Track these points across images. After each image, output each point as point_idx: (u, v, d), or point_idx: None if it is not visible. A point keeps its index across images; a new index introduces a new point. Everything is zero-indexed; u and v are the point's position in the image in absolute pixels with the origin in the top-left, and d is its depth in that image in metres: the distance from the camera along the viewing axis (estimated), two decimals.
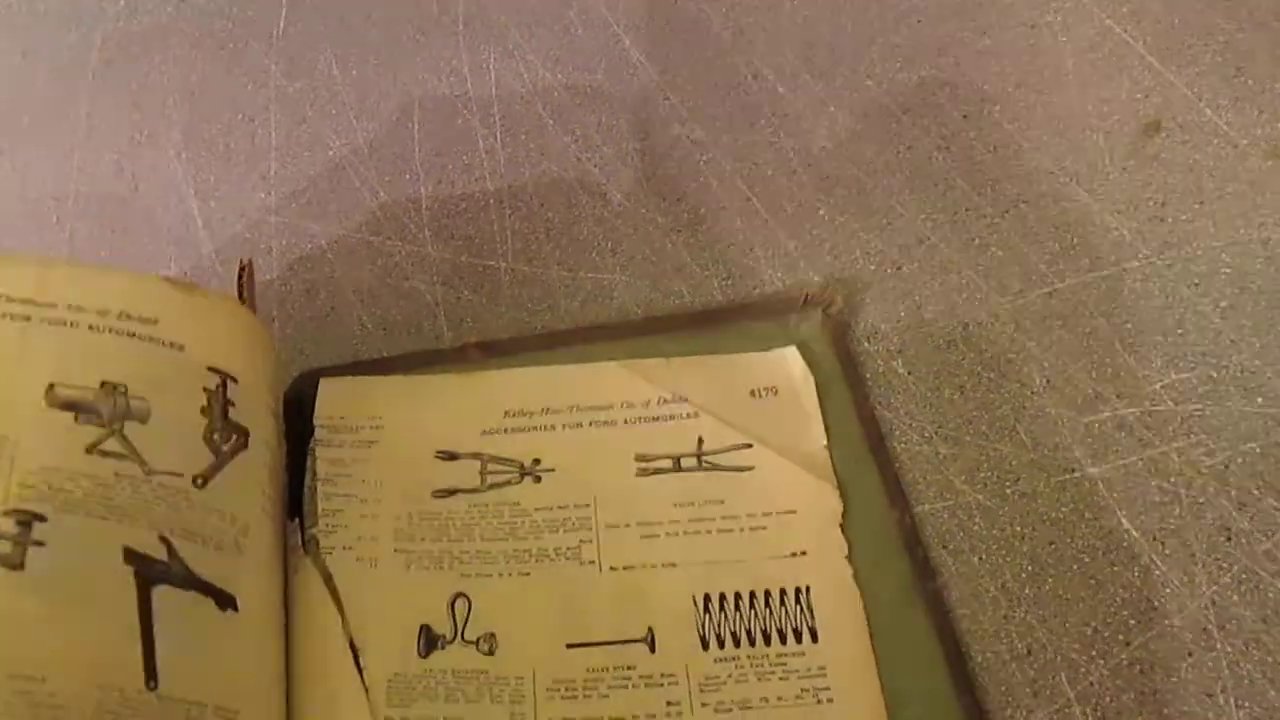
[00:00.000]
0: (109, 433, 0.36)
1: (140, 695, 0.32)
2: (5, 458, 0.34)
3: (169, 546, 0.35)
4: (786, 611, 0.41)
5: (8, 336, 0.37)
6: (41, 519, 0.34)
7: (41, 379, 0.36)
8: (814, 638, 0.40)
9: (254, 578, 0.37)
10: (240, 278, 0.45)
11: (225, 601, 0.36)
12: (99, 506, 0.35)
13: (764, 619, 0.41)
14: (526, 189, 0.57)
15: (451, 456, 0.45)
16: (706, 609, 0.41)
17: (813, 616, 0.41)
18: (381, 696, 0.38)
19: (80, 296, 0.39)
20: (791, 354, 0.47)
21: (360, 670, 0.38)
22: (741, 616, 0.41)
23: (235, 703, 0.34)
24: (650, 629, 0.40)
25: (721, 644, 0.40)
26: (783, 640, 0.40)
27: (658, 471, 0.44)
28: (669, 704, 0.39)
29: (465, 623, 0.40)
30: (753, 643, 0.40)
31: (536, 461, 0.44)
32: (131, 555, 0.34)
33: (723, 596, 0.41)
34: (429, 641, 0.40)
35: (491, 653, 0.40)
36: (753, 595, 0.41)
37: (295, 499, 0.43)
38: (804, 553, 0.42)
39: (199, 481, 0.37)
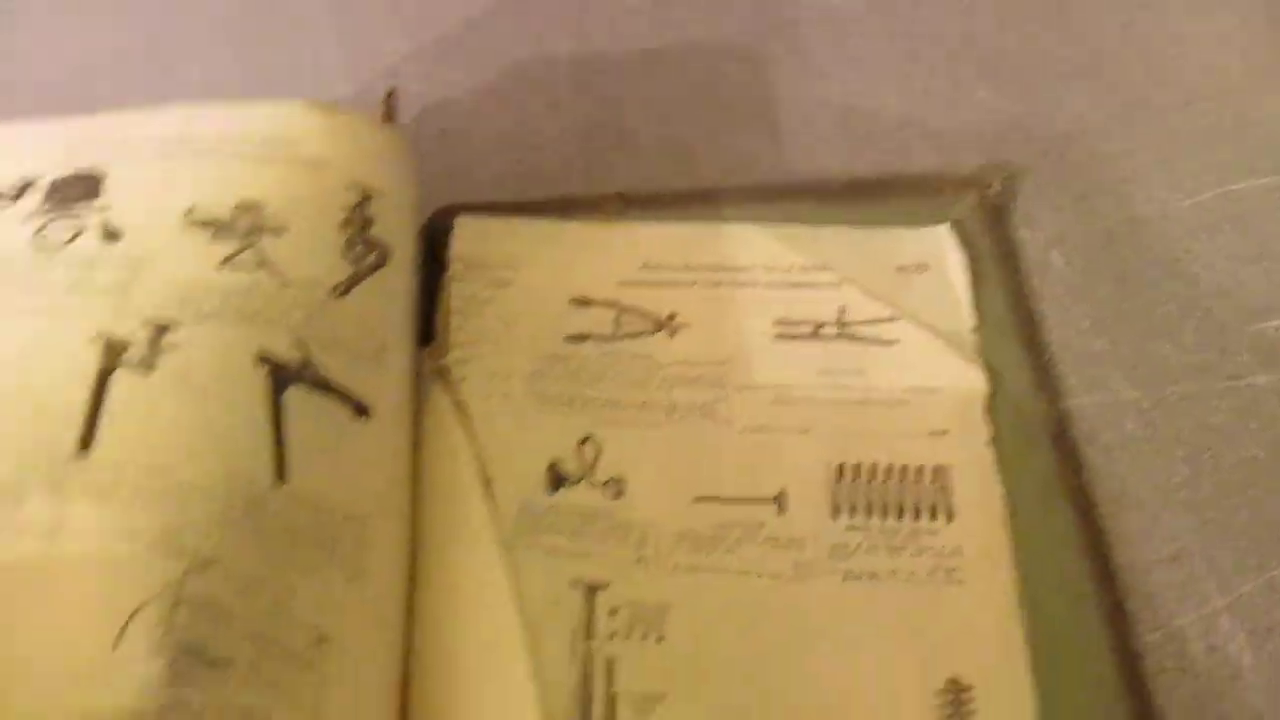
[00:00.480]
0: (244, 246, 0.36)
1: (270, 490, 0.32)
2: (145, 273, 0.35)
3: (304, 352, 0.35)
4: (923, 488, 0.39)
5: (155, 173, 0.38)
6: (175, 326, 0.34)
7: (183, 204, 0.37)
8: (949, 517, 0.39)
9: (389, 390, 0.37)
10: (386, 103, 0.44)
11: (360, 409, 0.35)
12: (232, 314, 0.34)
13: (898, 493, 0.39)
14: (670, 52, 0.55)
15: (586, 303, 0.43)
16: (840, 477, 0.40)
17: (950, 496, 0.39)
18: (510, 525, 0.37)
19: (223, 128, 0.39)
20: (944, 232, 0.45)
21: (490, 497, 0.37)
22: (876, 487, 0.39)
23: (364, 509, 0.34)
24: (781, 490, 0.39)
25: (853, 513, 0.39)
26: (916, 516, 0.39)
27: (796, 337, 0.43)
28: (796, 565, 0.38)
29: (593, 465, 0.39)
30: (885, 515, 0.39)
31: (672, 316, 0.43)
32: (264, 358, 0.34)
33: (858, 466, 0.40)
34: (557, 479, 0.39)
35: (619, 497, 0.39)
36: (889, 468, 0.40)
37: (426, 331, 0.42)
38: (945, 432, 0.40)
39: (338, 291, 0.36)
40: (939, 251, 0.45)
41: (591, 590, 0.37)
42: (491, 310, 0.43)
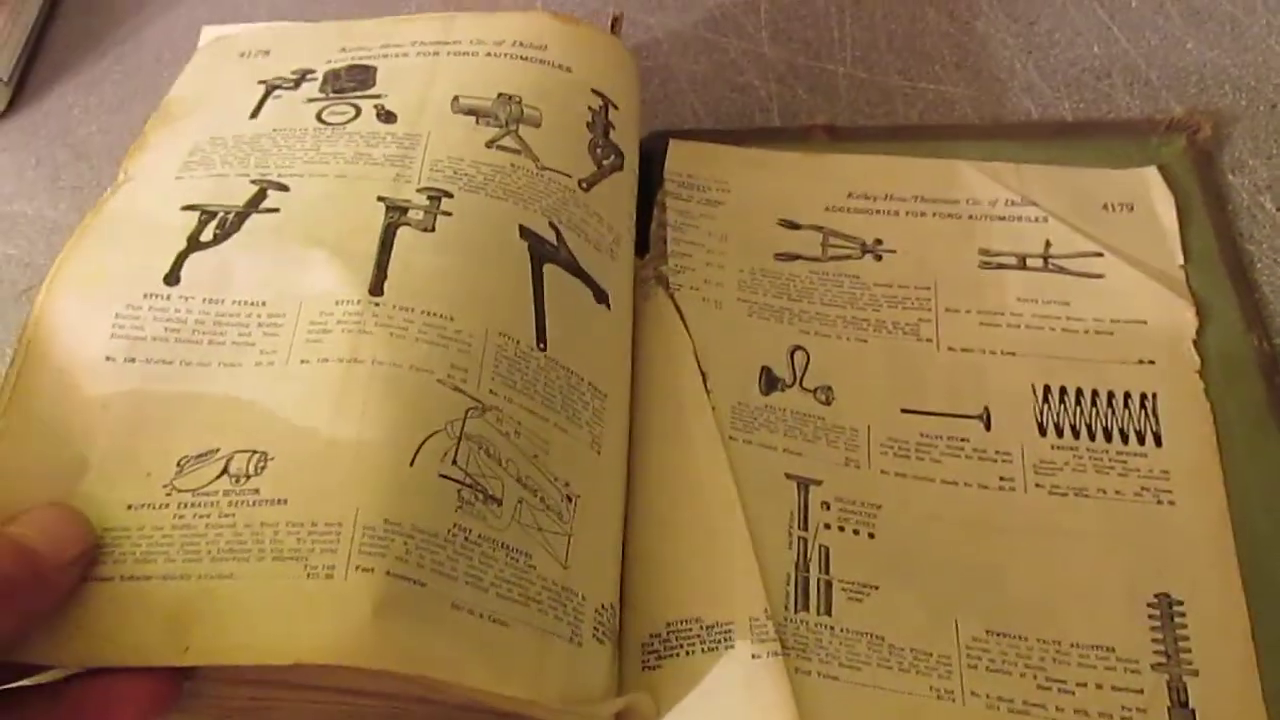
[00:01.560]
0: (505, 132, 0.39)
1: (532, 351, 0.34)
2: (419, 149, 0.38)
3: (558, 233, 0.37)
4: (1130, 413, 0.40)
5: (420, 67, 0.42)
6: (449, 195, 0.36)
7: (448, 93, 0.40)
8: (1158, 442, 0.39)
9: (621, 283, 0.39)
10: (613, 26, 0.46)
11: (600, 296, 0.37)
12: (498, 189, 0.37)
13: (1105, 417, 0.40)
14: None
15: (794, 226, 0.45)
16: (1046, 399, 0.40)
17: (1158, 422, 0.39)
18: (726, 419, 0.39)
19: (478, 32, 0.43)
20: (1151, 173, 0.45)
21: (707, 390, 0.39)
22: (1083, 410, 0.40)
23: (603, 386, 0.36)
24: (986, 408, 0.40)
25: (1060, 433, 0.39)
26: (1124, 439, 0.39)
27: (1001, 267, 0.43)
28: (1002, 479, 0.39)
29: (804, 372, 0.41)
30: (1093, 437, 0.39)
31: (879, 241, 0.44)
32: (526, 232, 0.36)
33: (1063, 389, 0.40)
34: (770, 382, 0.41)
35: (828, 403, 0.40)
36: (1095, 393, 0.40)
37: (641, 241, 0.44)
38: (1152, 361, 0.41)
39: (584, 184, 0.39)
40: (1146, 192, 0.45)
41: (805, 485, 0.38)
42: (705, 226, 0.45)
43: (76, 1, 0.66)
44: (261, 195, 0.37)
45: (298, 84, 0.41)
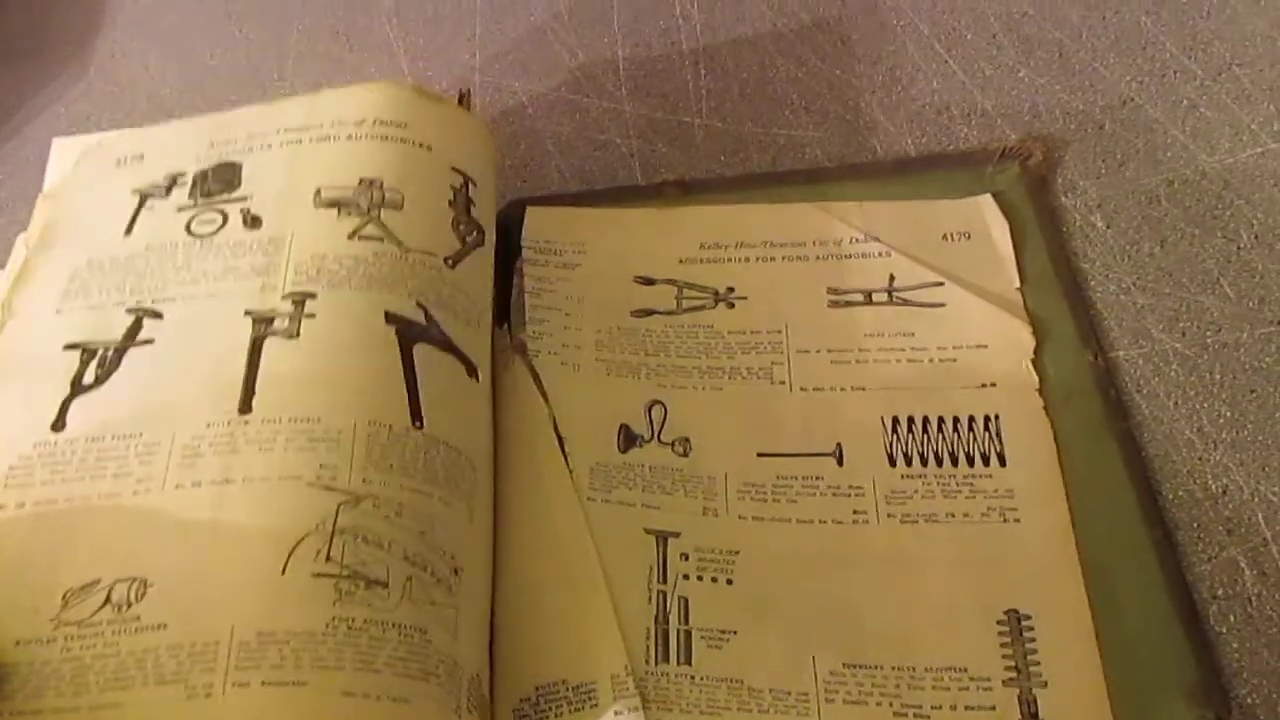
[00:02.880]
0: (368, 220, 0.40)
1: (408, 431, 0.36)
2: (284, 253, 0.40)
3: (426, 312, 0.38)
4: (975, 436, 0.41)
5: (284, 160, 0.43)
6: (312, 296, 0.38)
7: (311, 186, 0.42)
8: (1002, 462, 0.41)
9: (486, 355, 0.41)
10: (461, 100, 0.47)
11: (471, 369, 0.39)
12: (361, 280, 0.39)
13: (952, 442, 0.41)
14: (721, 50, 0.58)
15: (649, 281, 0.46)
16: (894, 429, 0.42)
17: (1001, 442, 0.41)
18: (585, 481, 0.40)
19: (341, 111, 0.44)
20: (986, 201, 0.47)
21: (565, 456, 0.41)
22: (929, 438, 0.42)
23: (476, 459, 0.37)
24: (839, 444, 0.42)
25: (909, 462, 0.41)
26: (970, 462, 0.41)
27: (849, 304, 0.45)
28: (855, 513, 0.40)
29: (661, 426, 0.42)
30: (940, 463, 0.41)
31: (730, 289, 0.46)
32: (393, 317, 0.38)
33: (910, 419, 0.42)
34: (628, 438, 0.42)
35: (686, 454, 0.42)
36: (940, 420, 0.42)
37: (500, 309, 0.45)
38: (994, 384, 0.43)
39: (449, 262, 0.40)
40: (982, 219, 0.47)
41: (663, 538, 0.40)
42: (562, 289, 0.46)
43: None
44: (138, 326, 0.39)
45: (169, 190, 0.43)
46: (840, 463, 0.41)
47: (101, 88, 0.65)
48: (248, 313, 0.38)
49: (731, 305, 0.46)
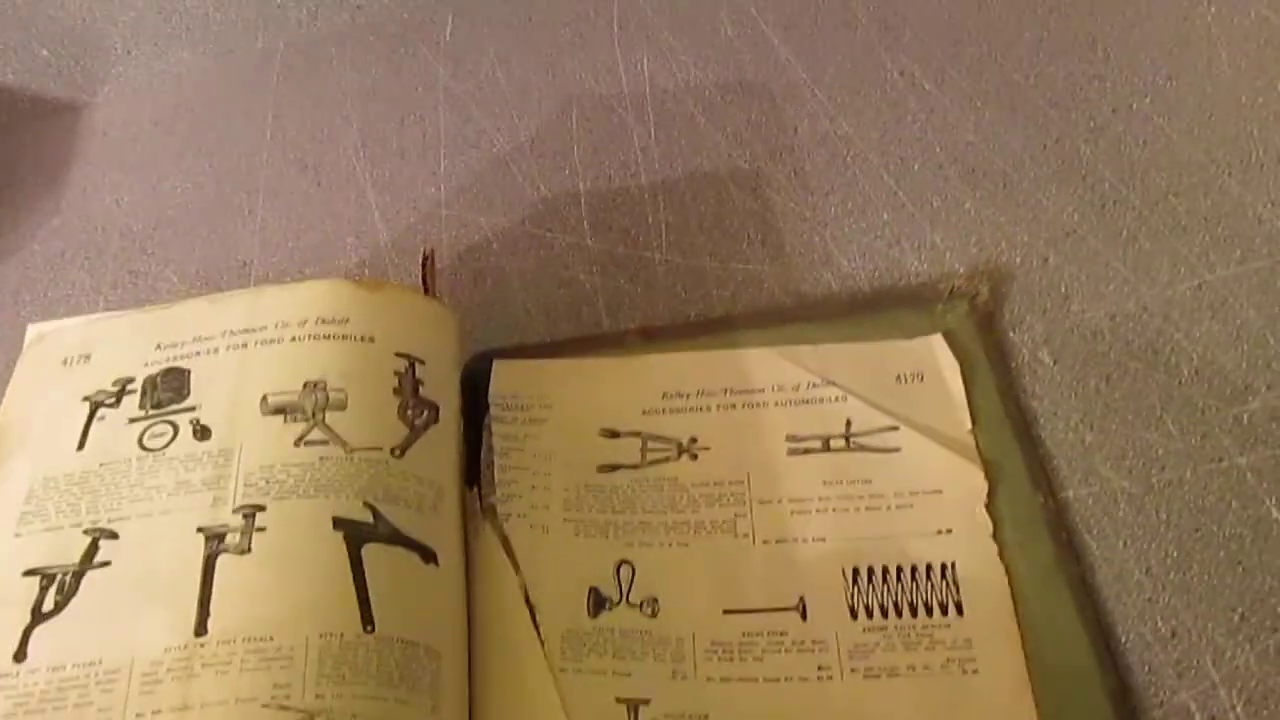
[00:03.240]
0: (313, 424, 0.42)
1: (359, 638, 0.37)
2: (233, 464, 0.41)
3: (374, 511, 0.40)
4: (933, 585, 0.43)
5: (230, 365, 0.44)
6: (262, 509, 0.39)
7: (258, 392, 0.43)
8: (959, 611, 0.42)
9: (449, 535, 0.42)
10: (424, 265, 0.49)
11: (428, 556, 0.40)
12: (309, 487, 0.40)
13: (910, 592, 0.43)
14: (679, 183, 0.60)
15: (614, 434, 0.48)
16: (855, 581, 0.43)
17: (958, 591, 0.43)
18: (556, 650, 0.42)
19: (282, 311, 0.45)
20: (937, 341, 0.49)
21: (537, 626, 0.42)
22: (889, 589, 0.43)
23: (439, 646, 0.39)
24: (801, 598, 0.43)
25: (870, 614, 0.43)
26: (929, 612, 0.42)
27: (807, 451, 0.47)
28: (820, 668, 0.41)
29: (630, 587, 0.44)
30: (899, 614, 0.42)
31: (693, 440, 0.47)
32: (340, 522, 0.39)
33: (870, 570, 0.43)
34: (597, 602, 0.43)
35: (654, 615, 0.43)
36: (899, 569, 0.43)
37: (472, 469, 0.46)
38: (949, 530, 0.44)
39: (396, 452, 0.41)
40: (933, 360, 0.49)
41: (634, 707, 0.41)
42: (530, 446, 0.48)
43: None
44: (94, 548, 0.40)
45: (119, 398, 0.44)
46: (804, 617, 0.43)
47: (74, 224, 0.67)
48: (200, 529, 0.39)
49: (695, 456, 0.47)
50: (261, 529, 0.39)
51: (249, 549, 0.38)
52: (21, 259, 0.66)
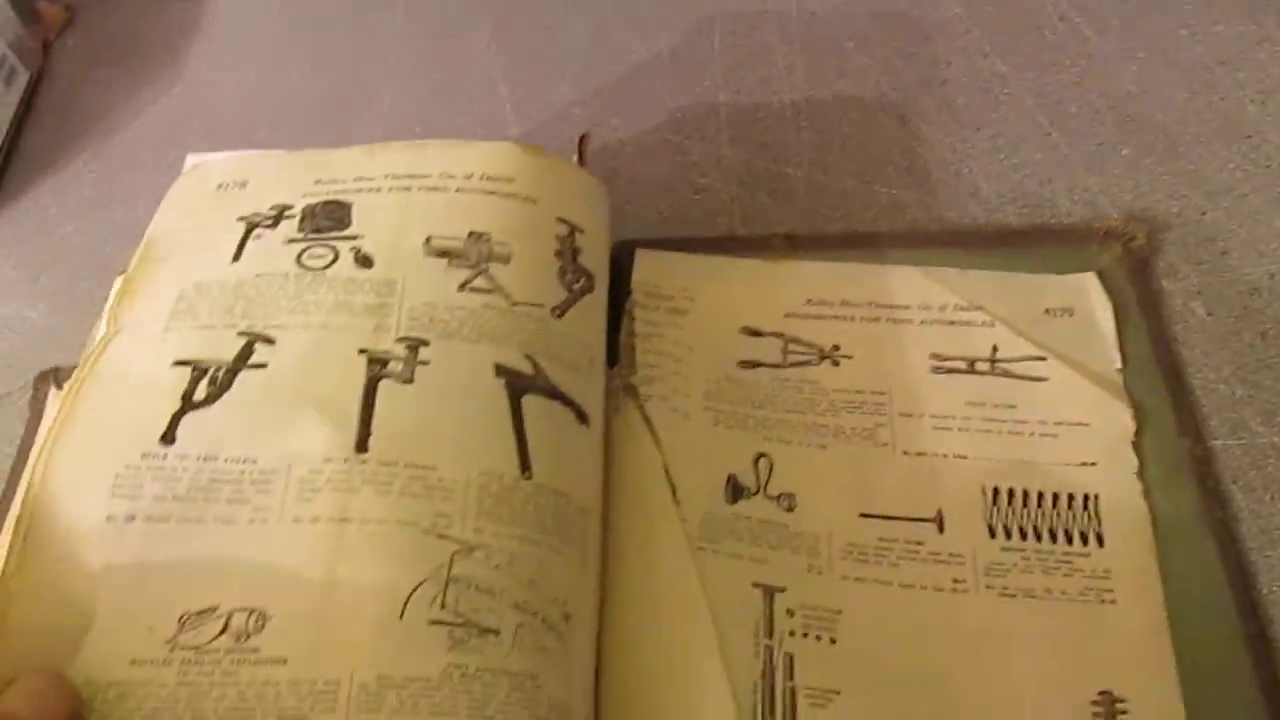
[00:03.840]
0: (477, 273, 0.41)
1: (517, 482, 0.36)
2: (396, 296, 0.40)
3: (534, 363, 0.39)
4: (1074, 515, 0.42)
5: (394, 205, 0.44)
6: (425, 343, 0.39)
7: (421, 233, 0.42)
8: (1100, 542, 0.41)
9: (598, 400, 0.41)
10: (580, 144, 0.48)
11: (582, 416, 0.40)
12: (472, 332, 0.39)
13: (1051, 518, 0.42)
14: (823, 104, 0.59)
15: (756, 333, 0.47)
16: (995, 501, 0.43)
17: (1100, 523, 0.42)
18: (695, 530, 0.41)
19: (447, 164, 0.45)
20: (1090, 279, 0.48)
21: (677, 503, 0.41)
22: (1029, 512, 0.42)
23: (588, 504, 0.38)
24: (940, 511, 0.42)
25: (1009, 535, 0.42)
26: (1069, 540, 0.42)
27: (951, 371, 0.46)
28: (955, 581, 0.41)
29: (768, 479, 0.43)
30: (1039, 538, 0.42)
31: (836, 348, 0.47)
32: (502, 370, 0.39)
33: (1011, 491, 0.43)
34: (735, 490, 0.43)
35: (791, 510, 0.42)
36: (1040, 495, 0.43)
37: (610, 350, 0.46)
38: (1094, 464, 0.43)
39: (556, 312, 0.41)
40: (1085, 297, 0.48)
41: (770, 593, 0.40)
42: (671, 335, 0.47)
43: (50, 101, 0.68)
44: (249, 349, 0.39)
45: (276, 221, 0.43)
46: (941, 529, 0.42)
47: (195, 97, 0.66)
48: (362, 351, 0.39)
49: (836, 364, 0.46)
50: (425, 362, 0.38)
51: (411, 379, 0.38)
52: (142, 125, 0.66)
